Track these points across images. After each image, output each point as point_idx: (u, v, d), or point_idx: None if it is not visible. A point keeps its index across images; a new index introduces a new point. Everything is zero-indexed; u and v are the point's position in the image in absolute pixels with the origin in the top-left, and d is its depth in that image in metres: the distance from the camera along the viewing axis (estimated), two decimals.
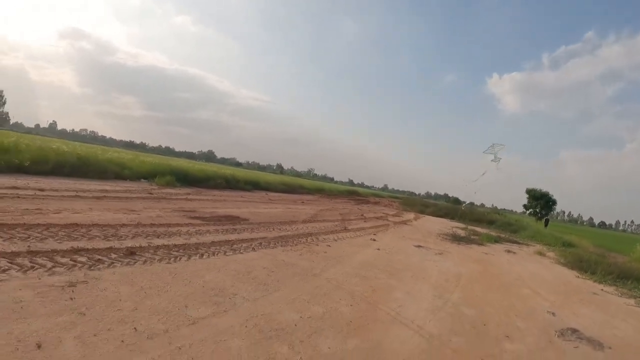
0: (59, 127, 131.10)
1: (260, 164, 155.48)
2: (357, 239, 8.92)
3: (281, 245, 6.50)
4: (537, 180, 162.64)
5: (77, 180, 11.08)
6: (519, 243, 15.39)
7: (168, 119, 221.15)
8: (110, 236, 5.00)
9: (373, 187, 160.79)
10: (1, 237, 4.11)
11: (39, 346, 2.21)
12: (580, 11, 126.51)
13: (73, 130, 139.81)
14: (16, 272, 3.25)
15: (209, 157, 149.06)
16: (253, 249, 5.87)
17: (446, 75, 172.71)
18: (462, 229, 17.60)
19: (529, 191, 39.44)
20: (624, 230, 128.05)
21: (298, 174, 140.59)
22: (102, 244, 4.53)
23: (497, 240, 14.61)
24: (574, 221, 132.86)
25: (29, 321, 2.47)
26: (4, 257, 3.51)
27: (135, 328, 2.64)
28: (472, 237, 14.34)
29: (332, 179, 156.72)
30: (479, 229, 18.54)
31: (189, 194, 13.08)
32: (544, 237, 17.98)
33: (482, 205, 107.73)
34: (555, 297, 6.16)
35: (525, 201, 40.13)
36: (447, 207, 38.12)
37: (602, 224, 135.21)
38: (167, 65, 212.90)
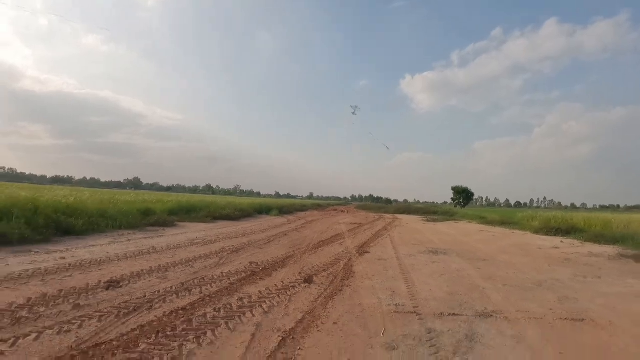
0: None
1: (186, 185, 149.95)
2: (412, 224, 21.17)
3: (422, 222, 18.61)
4: (457, 172, 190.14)
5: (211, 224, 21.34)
6: (457, 219, 29.14)
7: (80, 146, 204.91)
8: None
9: (299, 196, 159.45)
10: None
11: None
12: (487, 11, 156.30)
13: None
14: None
15: (136, 184, 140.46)
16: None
17: (359, 80, 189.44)
18: (424, 217, 31.14)
19: (453, 188, 55.55)
20: (537, 207, 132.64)
21: (228, 192, 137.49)
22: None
23: (447, 219, 28.24)
24: (492, 204, 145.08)
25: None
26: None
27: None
28: (436, 219, 27.69)
29: (258, 194, 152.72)
30: (433, 216, 32.23)
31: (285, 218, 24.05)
32: (469, 216, 32.25)
33: (417, 201, 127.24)
34: (480, 227, 19.25)
35: (451, 194, 56.46)
36: (400, 206, 52.20)
37: (518, 204, 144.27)
38: (77, 90, 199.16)
